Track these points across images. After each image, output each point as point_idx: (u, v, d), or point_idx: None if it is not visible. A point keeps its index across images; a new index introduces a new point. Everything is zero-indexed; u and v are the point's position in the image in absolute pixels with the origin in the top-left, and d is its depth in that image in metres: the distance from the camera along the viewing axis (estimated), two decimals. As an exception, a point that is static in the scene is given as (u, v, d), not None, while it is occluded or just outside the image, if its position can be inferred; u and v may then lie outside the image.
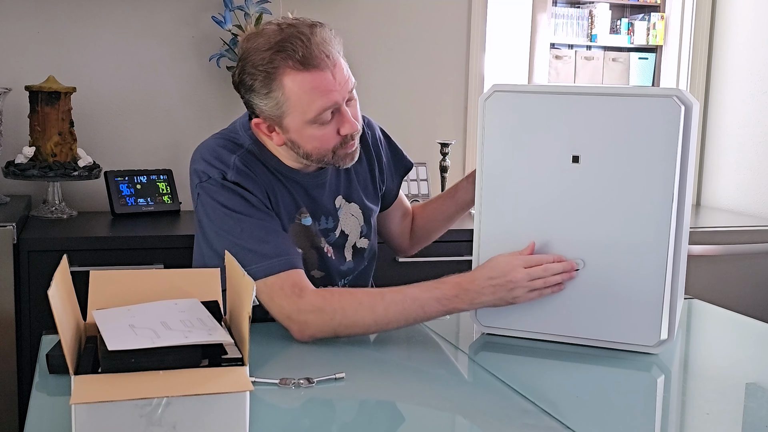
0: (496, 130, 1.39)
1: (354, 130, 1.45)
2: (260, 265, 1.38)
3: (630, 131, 1.31)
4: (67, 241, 2.19)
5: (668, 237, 1.31)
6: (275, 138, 1.47)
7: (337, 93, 1.41)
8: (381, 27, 2.88)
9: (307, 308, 1.36)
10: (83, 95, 2.54)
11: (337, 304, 1.36)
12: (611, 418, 1.13)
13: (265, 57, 1.39)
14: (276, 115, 1.43)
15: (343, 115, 1.43)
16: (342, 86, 1.42)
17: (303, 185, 1.54)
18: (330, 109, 1.41)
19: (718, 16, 3.29)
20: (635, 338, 1.35)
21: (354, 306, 1.35)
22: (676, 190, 1.30)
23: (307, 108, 1.40)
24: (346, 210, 1.60)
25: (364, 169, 1.64)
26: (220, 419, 0.89)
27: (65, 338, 0.90)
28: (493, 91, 1.39)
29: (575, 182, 1.35)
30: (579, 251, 1.36)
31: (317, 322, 1.36)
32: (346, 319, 1.35)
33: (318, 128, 1.43)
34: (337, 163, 1.50)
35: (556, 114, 1.35)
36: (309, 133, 1.43)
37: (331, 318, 1.35)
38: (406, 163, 1.76)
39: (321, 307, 1.36)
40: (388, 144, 1.72)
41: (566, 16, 4.81)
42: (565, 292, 1.37)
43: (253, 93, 1.43)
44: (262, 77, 1.40)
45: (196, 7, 2.69)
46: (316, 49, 1.38)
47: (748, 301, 2.73)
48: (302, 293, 1.37)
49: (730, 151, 3.23)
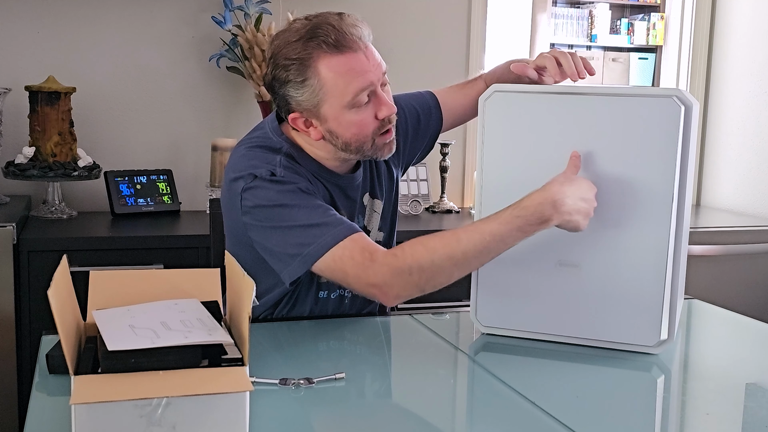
0: (496, 130, 1.39)
1: (392, 112, 1.44)
2: (325, 237, 1.34)
3: (630, 131, 1.31)
4: (67, 241, 2.19)
5: (668, 237, 1.31)
6: (313, 133, 1.44)
7: (372, 74, 1.40)
8: (381, 27, 2.87)
9: (383, 271, 1.32)
10: (83, 95, 2.54)
11: (411, 259, 1.31)
12: (611, 418, 1.13)
13: (297, 47, 1.39)
14: (313, 105, 1.41)
15: (380, 97, 1.42)
16: (376, 68, 1.41)
17: (341, 187, 1.52)
18: (366, 90, 1.40)
19: (718, 16, 3.29)
20: (635, 338, 1.35)
21: (429, 258, 1.31)
22: (676, 190, 1.30)
23: (344, 90, 1.39)
24: (371, 206, 1.60)
25: (381, 161, 1.62)
26: (220, 419, 0.89)
27: (65, 338, 0.90)
28: (493, 91, 1.39)
29: None
30: (579, 251, 1.36)
31: (398, 283, 1.32)
32: (425, 273, 1.31)
33: (356, 113, 1.41)
34: (375, 155, 1.47)
35: (556, 114, 1.35)
36: (347, 119, 1.41)
37: (410, 275, 1.31)
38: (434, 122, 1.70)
39: (397, 267, 1.31)
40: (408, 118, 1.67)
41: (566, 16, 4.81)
42: (566, 292, 1.37)
43: (288, 85, 1.41)
44: (296, 66, 1.39)
45: (196, 8, 2.69)
46: (347, 31, 1.38)
47: (748, 301, 2.73)
48: (373, 257, 1.33)
49: (730, 151, 3.23)
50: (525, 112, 1.37)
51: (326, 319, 1.53)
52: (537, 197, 1.29)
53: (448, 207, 2.86)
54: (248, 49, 2.58)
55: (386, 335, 1.45)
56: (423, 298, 2.40)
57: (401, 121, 1.64)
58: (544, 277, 1.38)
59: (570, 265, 1.37)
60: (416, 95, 1.71)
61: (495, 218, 1.31)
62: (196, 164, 2.73)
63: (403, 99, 1.68)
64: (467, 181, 3.07)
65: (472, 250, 1.30)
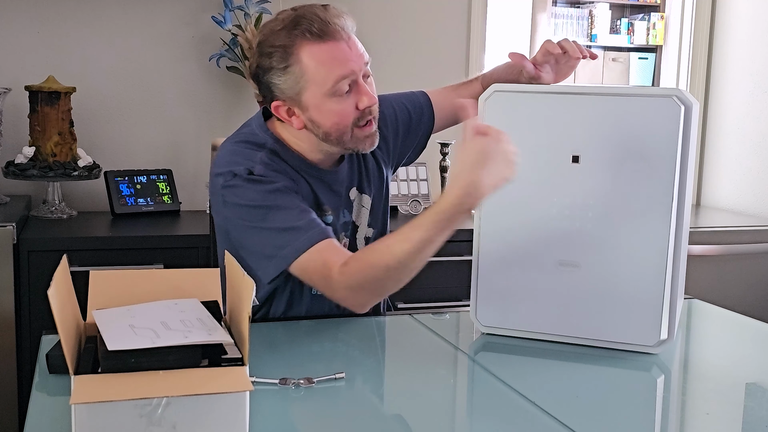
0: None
1: (372, 103, 1.45)
2: (298, 242, 1.38)
3: (630, 131, 1.31)
4: (67, 241, 2.19)
5: (668, 236, 1.31)
6: (295, 122, 1.47)
7: (354, 63, 1.42)
8: (381, 27, 2.88)
9: (339, 288, 1.36)
10: (83, 95, 2.54)
11: (357, 276, 1.35)
12: (611, 418, 1.13)
13: (281, 35, 1.42)
14: (295, 93, 1.44)
15: (360, 87, 1.44)
16: (358, 58, 1.43)
17: (326, 181, 1.53)
18: (347, 79, 1.42)
19: (718, 16, 3.29)
20: (635, 338, 1.35)
21: (372, 274, 1.34)
22: (676, 190, 1.30)
23: (325, 78, 1.41)
24: (359, 201, 1.60)
25: (369, 154, 1.62)
26: (220, 419, 0.89)
27: (65, 338, 0.90)
28: (493, 91, 1.39)
29: (575, 182, 1.34)
30: (579, 251, 1.36)
31: (352, 296, 1.37)
32: (371, 285, 1.36)
33: (336, 102, 1.43)
34: (356, 147, 1.49)
35: (556, 114, 1.35)
36: (328, 107, 1.43)
37: (361, 289, 1.36)
38: (425, 121, 1.71)
39: (348, 285, 1.35)
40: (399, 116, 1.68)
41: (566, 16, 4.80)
42: (566, 292, 1.37)
43: (271, 72, 1.44)
44: (279, 54, 1.42)
45: (196, 7, 2.69)
46: (331, 21, 1.41)
47: (748, 301, 2.73)
48: (330, 273, 1.36)
49: (730, 151, 3.23)
50: (525, 111, 1.37)
51: (326, 319, 1.53)
52: (452, 197, 1.28)
53: (448, 207, 2.86)
54: (248, 49, 2.58)
55: (386, 335, 1.45)
56: (423, 298, 2.41)
57: (391, 120, 1.66)
58: (544, 277, 1.38)
59: (570, 264, 1.37)
60: (408, 94, 1.72)
61: (420, 226, 1.31)
62: (196, 164, 2.73)
63: (394, 98, 1.69)
64: (467, 181, 3.06)
65: (407, 258, 1.32)
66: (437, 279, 2.43)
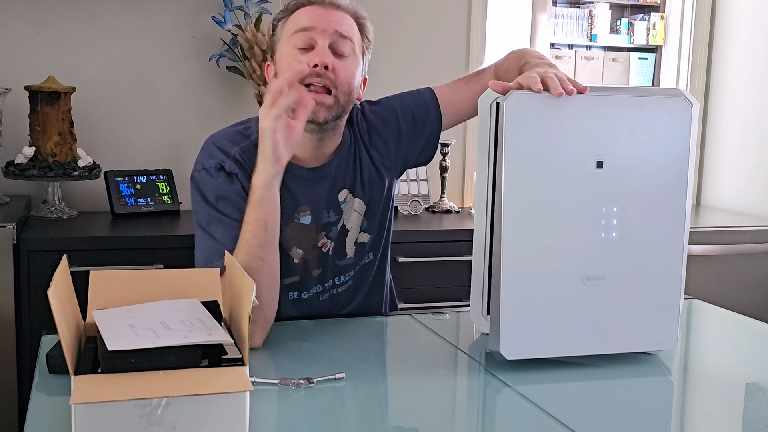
0: (515, 131, 1.27)
1: (321, 60, 1.45)
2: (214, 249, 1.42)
3: (641, 130, 1.27)
4: (67, 241, 2.19)
5: (683, 237, 1.29)
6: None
7: (320, 21, 1.48)
8: (381, 27, 2.87)
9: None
10: (83, 95, 2.54)
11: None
12: (611, 418, 1.13)
13: (290, 2, 1.54)
14: (275, 49, 1.54)
15: (318, 49, 1.47)
16: (328, 21, 1.48)
17: (306, 179, 1.53)
18: (305, 34, 1.47)
19: (718, 16, 3.29)
20: (655, 342, 1.33)
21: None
22: (690, 189, 1.29)
23: (288, 29, 1.50)
24: (350, 205, 1.58)
25: (366, 159, 1.61)
26: (220, 419, 0.89)
27: (65, 338, 0.90)
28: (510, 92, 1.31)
29: (597, 185, 1.28)
30: (604, 262, 1.29)
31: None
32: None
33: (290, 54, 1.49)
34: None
35: (577, 114, 1.27)
36: (282, 54, 1.51)
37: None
38: (432, 120, 1.66)
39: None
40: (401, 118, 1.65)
41: (566, 16, 4.80)
42: (591, 308, 1.30)
43: (275, 34, 1.55)
44: (283, 16, 1.54)
45: (196, 8, 2.69)
46: None
47: (748, 301, 2.73)
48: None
49: (730, 151, 3.23)
50: (546, 113, 1.30)
51: (326, 319, 1.53)
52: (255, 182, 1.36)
53: (448, 207, 2.86)
54: (248, 49, 2.58)
55: (386, 335, 1.45)
56: (423, 299, 2.41)
57: (392, 123, 1.63)
58: (570, 296, 1.29)
59: (596, 278, 1.29)
60: (413, 93, 1.68)
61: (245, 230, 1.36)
62: (196, 164, 2.73)
63: (397, 99, 1.67)
64: (467, 181, 3.07)
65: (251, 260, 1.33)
66: (437, 279, 2.42)
